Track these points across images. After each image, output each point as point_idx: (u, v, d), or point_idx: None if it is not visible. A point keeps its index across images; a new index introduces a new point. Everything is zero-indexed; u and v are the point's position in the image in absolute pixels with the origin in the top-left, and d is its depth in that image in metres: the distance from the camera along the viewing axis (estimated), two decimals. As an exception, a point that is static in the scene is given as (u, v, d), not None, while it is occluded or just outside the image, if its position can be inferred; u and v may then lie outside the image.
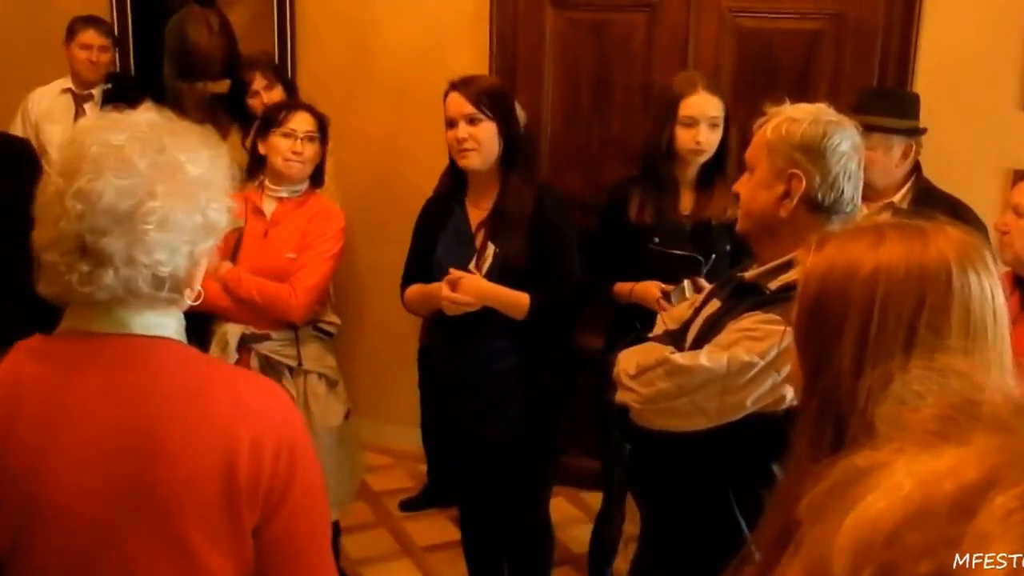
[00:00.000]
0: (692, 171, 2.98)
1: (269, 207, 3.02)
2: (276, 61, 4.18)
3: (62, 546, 1.30)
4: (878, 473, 0.49)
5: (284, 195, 3.03)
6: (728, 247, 2.89)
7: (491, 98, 2.71)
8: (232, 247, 2.95)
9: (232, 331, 2.94)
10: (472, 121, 2.69)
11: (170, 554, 1.30)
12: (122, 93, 4.18)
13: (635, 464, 2.20)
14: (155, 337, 1.36)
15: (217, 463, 1.30)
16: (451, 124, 2.75)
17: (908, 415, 0.53)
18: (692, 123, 2.88)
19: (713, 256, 2.90)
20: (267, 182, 3.02)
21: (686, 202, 3.00)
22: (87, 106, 4.21)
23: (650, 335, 2.24)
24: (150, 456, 1.29)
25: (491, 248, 2.73)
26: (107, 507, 1.29)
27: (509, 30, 3.96)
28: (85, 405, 1.32)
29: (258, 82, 3.78)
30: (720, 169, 2.94)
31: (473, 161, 2.72)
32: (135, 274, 1.30)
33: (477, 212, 2.80)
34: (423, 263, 2.86)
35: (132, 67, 4.63)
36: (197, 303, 1.40)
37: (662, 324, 2.26)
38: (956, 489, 0.45)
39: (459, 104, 2.72)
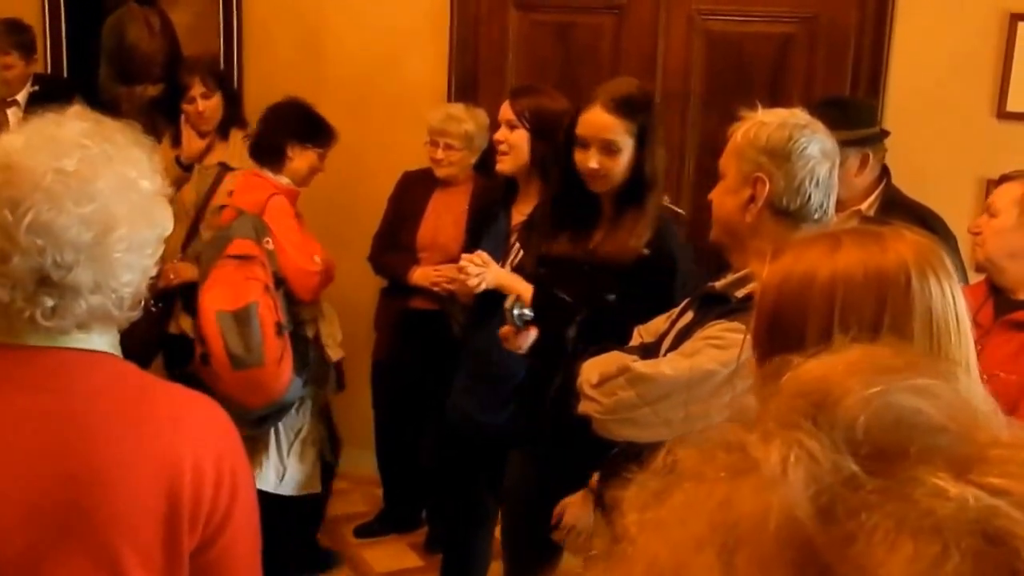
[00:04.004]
0: (605, 199, 2.73)
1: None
2: (221, 65, 4.24)
3: None
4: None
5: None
6: (611, 296, 2.64)
7: (532, 109, 2.98)
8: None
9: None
10: (511, 127, 2.99)
11: None
12: (50, 96, 4.22)
13: (602, 482, 2.28)
14: (89, 351, 1.37)
15: (158, 487, 1.31)
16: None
17: None
18: (584, 144, 2.62)
19: (587, 307, 2.67)
20: (292, 183, 3.47)
21: (597, 236, 2.76)
22: (10, 112, 4.21)
23: (626, 346, 2.34)
24: (88, 480, 1.30)
25: (518, 251, 3.01)
26: (39, 530, 1.29)
27: (470, 32, 4.07)
28: (15, 423, 1.32)
29: (196, 88, 3.85)
30: (634, 200, 2.64)
31: (505, 165, 3.01)
32: (104, 300, 1.32)
33: (519, 217, 3.08)
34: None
35: (65, 69, 4.66)
36: (136, 313, 1.41)
37: (638, 336, 2.34)
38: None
39: (504, 110, 3.04)
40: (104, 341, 1.39)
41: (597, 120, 2.59)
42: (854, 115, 3.19)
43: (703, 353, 1.93)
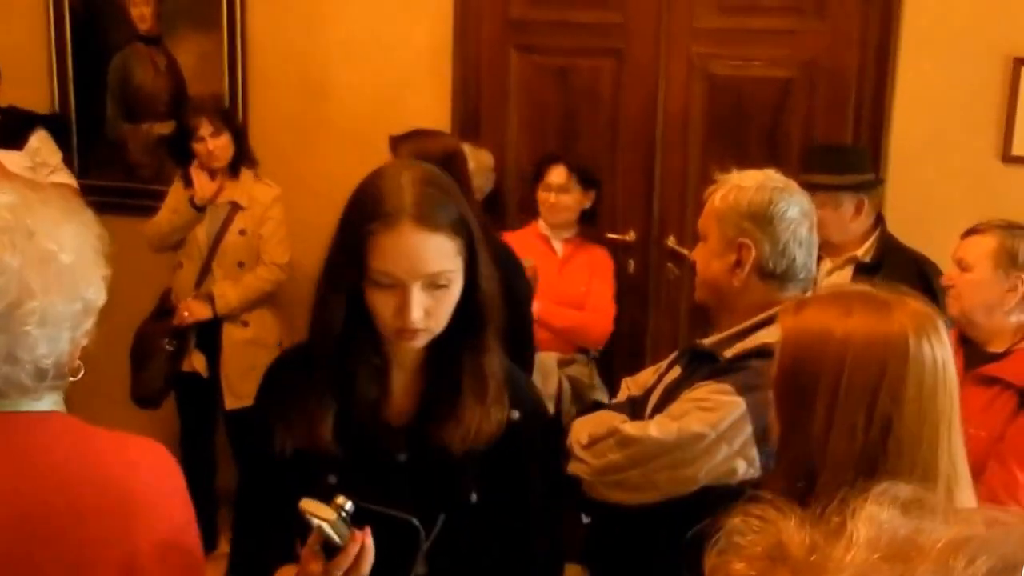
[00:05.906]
0: (413, 352, 1.72)
1: (558, 246, 3.94)
2: (226, 104, 4.33)
3: None
4: None
5: (567, 236, 3.95)
6: (474, 496, 1.71)
7: (416, 153, 2.91)
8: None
9: (550, 357, 3.72)
10: None
11: None
12: (11, 128, 4.28)
13: (589, 538, 2.31)
14: (35, 412, 1.40)
15: (113, 535, 1.33)
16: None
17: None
18: (393, 284, 1.60)
19: (443, 517, 1.65)
20: (543, 224, 3.94)
21: (397, 406, 1.74)
22: None
23: (613, 400, 2.38)
24: (42, 532, 1.32)
25: None
26: None
27: (472, 74, 4.14)
28: None
29: (204, 128, 3.94)
30: (472, 350, 1.71)
31: None
32: (16, 370, 1.34)
33: None
34: None
35: (72, 105, 4.77)
36: (78, 377, 1.45)
37: (626, 389, 2.39)
38: None
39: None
40: (49, 402, 1.43)
41: (413, 247, 1.58)
42: (849, 161, 3.27)
43: (691, 415, 1.97)
